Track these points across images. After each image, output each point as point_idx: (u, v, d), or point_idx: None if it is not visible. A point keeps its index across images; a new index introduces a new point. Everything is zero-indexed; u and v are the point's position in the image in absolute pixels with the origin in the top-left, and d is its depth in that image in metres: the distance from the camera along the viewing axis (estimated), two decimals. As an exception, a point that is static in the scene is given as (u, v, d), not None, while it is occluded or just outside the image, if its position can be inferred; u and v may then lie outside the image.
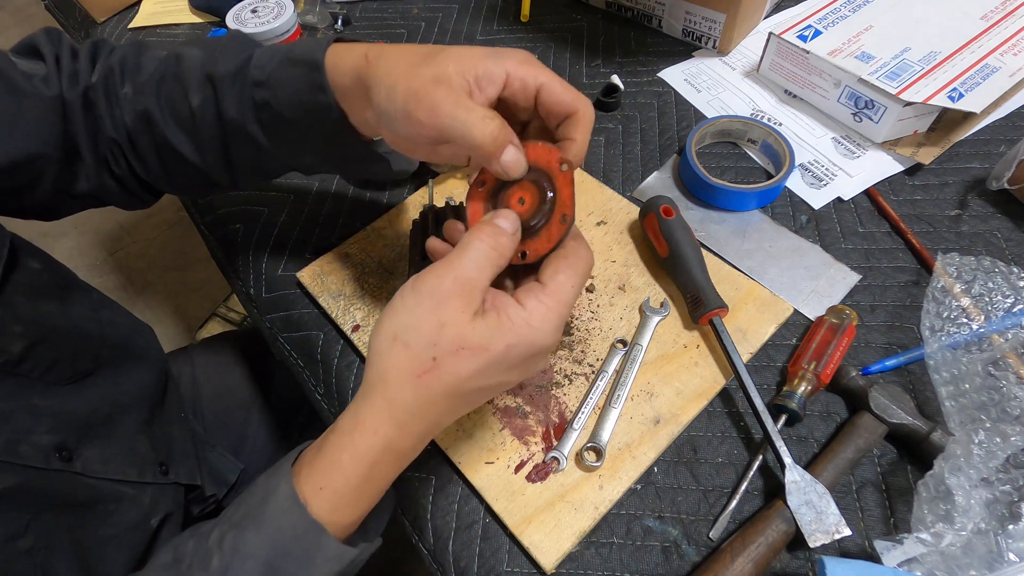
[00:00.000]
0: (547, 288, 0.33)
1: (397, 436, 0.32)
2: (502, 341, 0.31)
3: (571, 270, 0.34)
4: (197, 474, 0.59)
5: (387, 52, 0.37)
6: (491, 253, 0.32)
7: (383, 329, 0.32)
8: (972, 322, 0.44)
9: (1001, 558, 0.35)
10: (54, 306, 0.48)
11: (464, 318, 0.31)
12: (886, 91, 0.57)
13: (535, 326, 0.32)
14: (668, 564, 0.41)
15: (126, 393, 0.53)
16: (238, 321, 1.53)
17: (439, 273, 0.32)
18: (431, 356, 0.31)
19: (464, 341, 0.31)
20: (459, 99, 0.33)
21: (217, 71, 0.42)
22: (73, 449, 0.46)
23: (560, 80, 0.36)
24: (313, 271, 0.57)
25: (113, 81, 0.46)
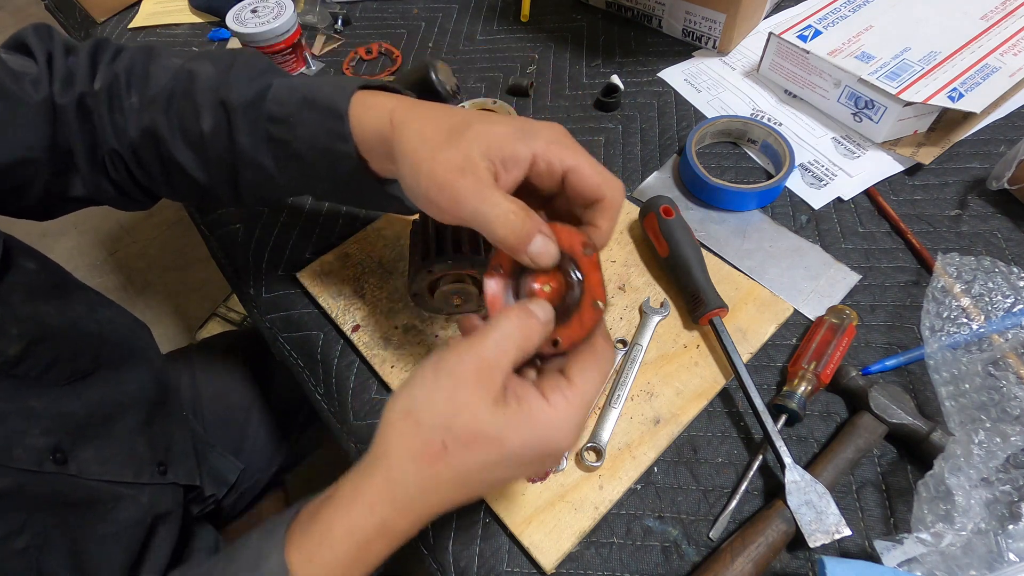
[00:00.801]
0: (574, 385, 0.31)
1: (394, 518, 0.30)
2: (518, 436, 0.29)
3: (597, 368, 0.32)
4: (196, 474, 0.59)
5: (412, 120, 0.35)
6: (518, 337, 0.30)
7: (397, 401, 0.31)
8: (972, 322, 0.44)
9: (1001, 558, 0.35)
10: (51, 306, 0.48)
11: (482, 405, 0.29)
12: (886, 91, 0.57)
13: (556, 425, 0.30)
14: (668, 564, 0.41)
15: (126, 393, 0.53)
16: (238, 321, 1.53)
17: (461, 352, 0.30)
18: (441, 440, 0.29)
19: (478, 431, 0.29)
20: (483, 191, 0.31)
21: (231, 98, 0.41)
22: (68, 451, 0.45)
23: (590, 162, 0.34)
24: (313, 271, 0.57)
25: (118, 89, 0.44)
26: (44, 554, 0.42)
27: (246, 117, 0.41)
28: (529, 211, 0.32)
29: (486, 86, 0.73)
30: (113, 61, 0.45)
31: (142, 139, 0.44)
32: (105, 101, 0.44)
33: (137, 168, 0.46)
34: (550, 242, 0.32)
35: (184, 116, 0.42)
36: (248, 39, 0.73)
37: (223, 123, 0.41)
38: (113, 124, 0.44)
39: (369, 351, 0.52)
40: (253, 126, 0.41)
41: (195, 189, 0.46)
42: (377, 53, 0.79)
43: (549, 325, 0.32)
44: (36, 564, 0.41)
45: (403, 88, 0.42)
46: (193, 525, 0.59)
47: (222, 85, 0.41)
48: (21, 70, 0.42)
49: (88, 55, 0.45)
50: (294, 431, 0.77)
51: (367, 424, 0.50)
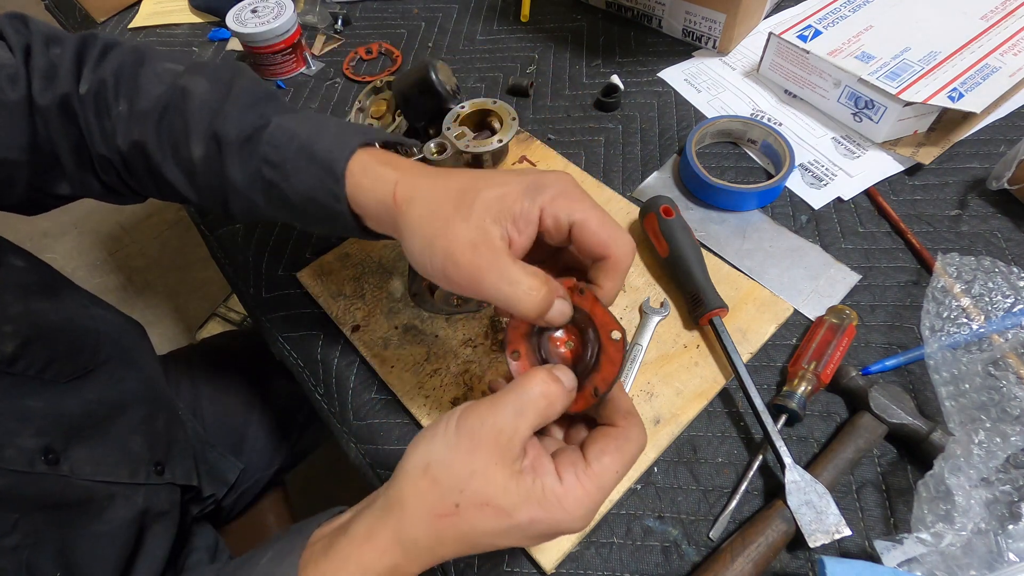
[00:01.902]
0: (590, 469, 0.30)
1: (404, 563, 0.31)
2: (528, 513, 0.29)
3: (618, 454, 0.31)
4: (194, 474, 0.59)
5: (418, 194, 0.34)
6: (540, 402, 0.30)
7: (418, 452, 0.31)
8: (972, 322, 0.44)
9: (1001, 558, 0.35)
10: (44, 304, 0.48)
11: (497, 473, 0.29)
12: (886, 91, 0.57)
13: (566, 508, 0.29)
14: (668, 564, 0.41)
15: (124, 392, 0.53)
16: (238, 321, 1.53)
17: (482, 414, 0.30)
18: (454, 502, 0.29)
19: (490, 498, 0.29)
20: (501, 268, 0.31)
21: (225, 132, 0.39)
22: (60, 451, 0.45)
23: (599, 216, 0.33)
24: (313, 271, 0.57)
25: (105, 96, 0.42)
26: (34, 552, 0.42)
27: (239, 153, 0.39)
28: (547, 279, 0.32)
29: (486, 86, 0.73)
30: (101, 62, 0.43)
31: (131, 151, 0.42)
32: (92, 106, 0.42)
33: (128, 176, 0.45)
34: (566, 304, 0.33)
35: (175, 137, 0.41)
36: (248, 39, 0.73)
37: (215, 155, 0.40)
38: (101, 130, 0.42)
39: (369, 351, 0.52)
40: (245, 164, 0.39)
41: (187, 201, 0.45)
42: (377, 53, 0.79)
43: (572, 392, 0.32)
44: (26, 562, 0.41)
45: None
46: (192, 525, 0.59)
47: (218, 112, 0.39)
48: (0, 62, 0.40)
49: (74, 52, 0.42)
50: (294, 431, 0.77)
51: (367, 424, 0.50)
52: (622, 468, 0.31)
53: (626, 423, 0.32)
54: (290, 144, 0.38)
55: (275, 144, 0.38)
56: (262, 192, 0.40)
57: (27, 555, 0.41)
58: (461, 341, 0.52)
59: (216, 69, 0.42)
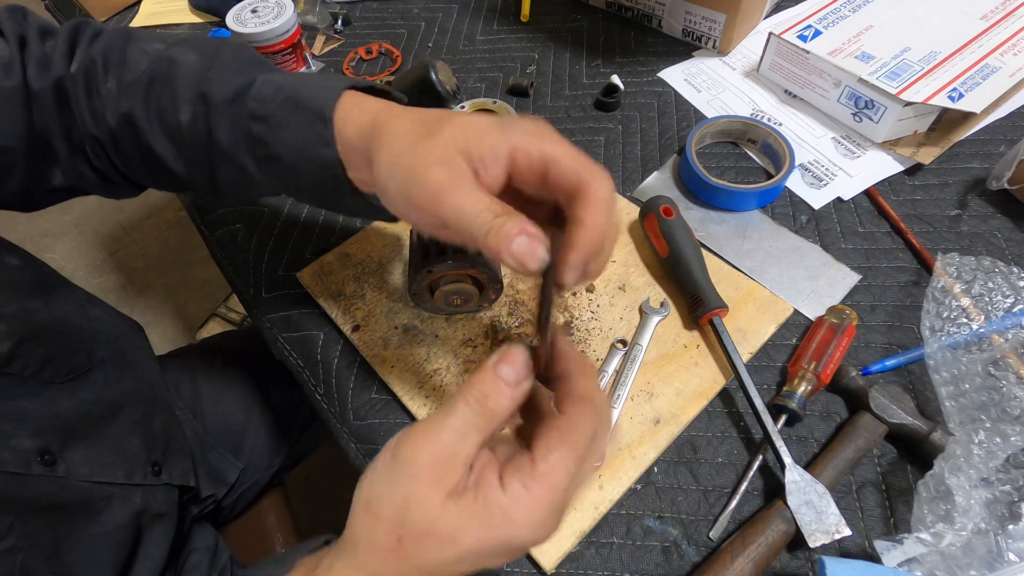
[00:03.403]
0: (536, 470, 0.26)
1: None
2: (472, 534, 0.26)
3: (567, 448, 0.27)
4: (191, 475, 0.58)
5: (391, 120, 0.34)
6: (477, 419, 0.27)
7: (361, 490, 0.29)
8: (972, 322, 0.44)
9: (1001, 558, 0.35)
10: (39, 303, 0.47)
11: (435, 499, 0.26)
12: (886, 91, 0.57)
13: (516, 520, 0.26)
14: (668, 564, 0.41)
15: (121, 392, 0.52)
16: (238, 321, 1.53)
17: (418, 441, 0.27)
18: (397, 535, 0.27)
19: (430, 526, 0.26)
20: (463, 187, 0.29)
21: (213, 91, 0.39)
22: (57, 452, 0.44)
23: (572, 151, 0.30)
24: (313, 271, 0.57)
25: (95, 73, 0.42)
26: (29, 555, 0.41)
27: (227, 113, 0.39)
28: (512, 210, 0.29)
29: (486, 86, 0.73)
30: (91, 44, 0.43)
31: (120, 126, 0.42)
32: (82, 85, 0.42)
33: (116, 156, 0.44)
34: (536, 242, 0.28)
35: (162, 105, 0.40)
36: (248, 39, 0.73)
37: (202, 116, 0.40)
38: (91, 109, 0.42)
39: (369, 351, 0.52)
40: (233, 122, 0.39)
41: (175, 179, 0.45)
42: (377, 53, 0.79)
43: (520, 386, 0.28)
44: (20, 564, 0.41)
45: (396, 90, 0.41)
46: (192, 525, 0.59)
47: (204, 77, 0.39)
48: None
49: (66, 38, 0.43)
50: (294, 431, 0.77)
51: (367, 424, 0.50)
52: (573, 463, 0.27)
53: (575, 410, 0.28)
54: (276, 96, 0.38)
55: (261, 99, 0.38)
56: (250, 152, 0.39)
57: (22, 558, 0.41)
58: (461, 341, 0.52)
59: (202, 40, 0.43)
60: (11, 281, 0.46)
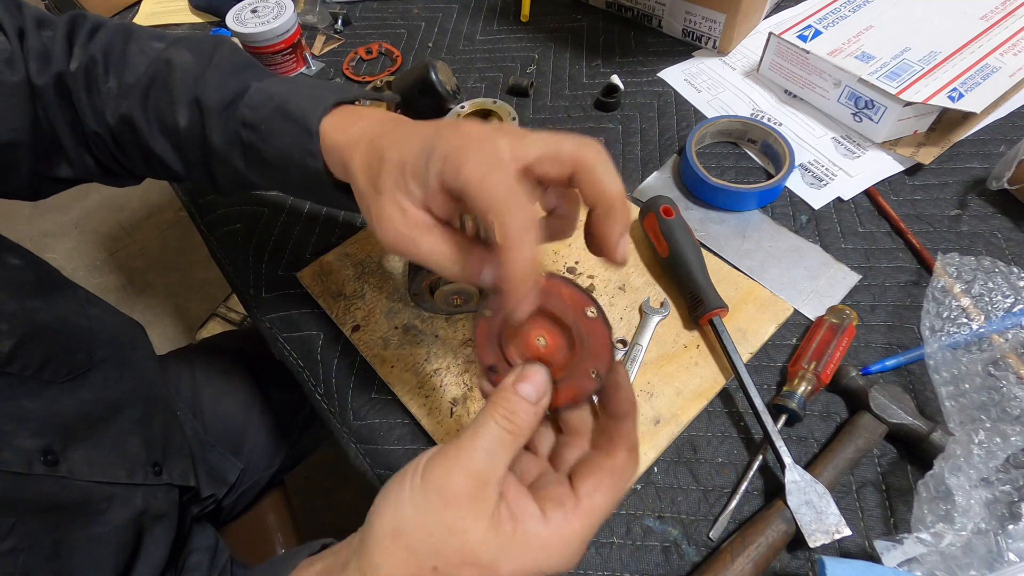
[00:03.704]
0: (580, 506, 0.27)
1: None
2: (512, 563, 0.26)
3: (612, 491, 0.28)
4: (192, 475, 0.58)
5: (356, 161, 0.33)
6: (506, 437, 0.27)
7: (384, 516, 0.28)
8: (972, 322, 0.44)
9: (1001, 558, 0.35)
10: (39, 302, 0.48)
11: (475, 526, 0.26)
12: (886, 91, 0.57)
13: (553, 550, 0.27)
14: (668, 564, 0.41)
15: (121, 392, 0.52)
16: (238, 321, 1.53)
17: (448, 466, 0.27)
18: (432, 565, 0.26)
19: (470, 556, 0.26)
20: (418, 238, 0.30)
21: (206, 98, 0.40)
22: (59, 452, 0.45)
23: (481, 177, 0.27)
24: (313, 271, 0.57)
25: (95, 73, 0.43)
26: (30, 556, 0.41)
27: (219, 119, 0.40)
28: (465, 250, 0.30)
29: (486, 86, 0.73)
30: (90, 40, 0.44)
31: (120, 126, 0.43)
32: (83, 83, 0.43)
33: (117, 151, 0.46)
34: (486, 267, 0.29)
35: (161, 108, 0.42)
36: (248, 39, 0.73)
37: (197, 121, 0.41)
38: (92, 107, 0.43)
39: (369, 351, 0.52)
40: (225, 128, 0.40)
41: (175, 175, 0.46)
42: (377, 53, 0.79)
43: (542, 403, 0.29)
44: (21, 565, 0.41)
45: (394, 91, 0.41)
46: (192, 525, 0.59)
47: (200, 80, 0.40)
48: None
49: (64, 32, 0.43)
50: (294, 431, 0.77)
51: (367, 424, 0.50)
52: (613, 505, 0.29)
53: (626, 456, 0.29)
54: (267, 105, 0.39)
55: (252, 106, 0.39)
56: (241, 155, 0.41)
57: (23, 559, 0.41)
58: (461, 341, 0.52)
59: (198, 41, 0.43)
60: (12, 281, 0.46)
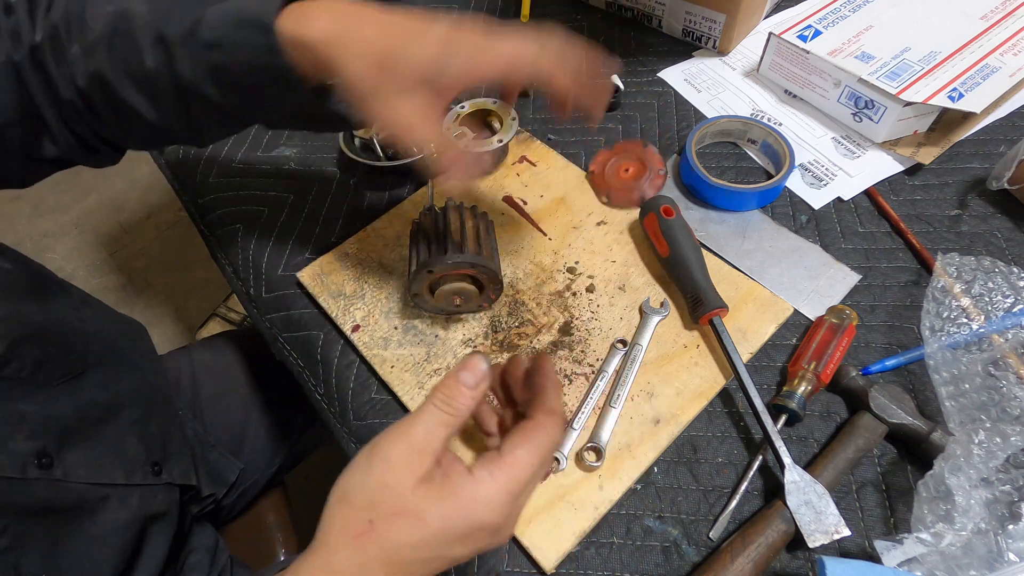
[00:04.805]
0: (502, 461, 0.31)
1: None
2: (438, 511, 0.30)
3: (532, 445, 0.32)
4: (192, 474, 0.58)
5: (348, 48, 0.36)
6: (444, 417, 0.32)
7: (336, 487, 0.32)
8: (972, 322, 0.44)
9: (1001, 558, 0.35)
10: (32, 305, 0.48)
11: (407, 482, 0.30)
12: (886, 91, 0.57)
13: (479, 501, 0.30)
14: (668, 564, 0.41)
15: (118, 392, 0.52)
16: (238, 321, 1.53)
17: (393, 438, 0.31)
18: (368, 518, 0.30)
19: (401, 506, 0.30)
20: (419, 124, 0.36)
21: (168, 32, 0.40)
22: (54, 455, 0.44)
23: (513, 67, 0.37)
24: (313, 271, 0.57)
25: (59, 40, 0.43)
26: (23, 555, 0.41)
27: (185, 48, 0.40)
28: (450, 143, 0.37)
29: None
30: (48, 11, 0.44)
31: (89, 85, 0.43)
32: (50, 52, 0.43)
33: (91, 116, 0.45)
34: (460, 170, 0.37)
35: (127, 57, 0.42)
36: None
37: (163, 59, 0.41)
38: (62, 75, 0.43)
39: (369, 351, 0.52)
40: (193, 57, 0.40)
41: (152, 132, 0.46)
42: (377, 53, 0.79)
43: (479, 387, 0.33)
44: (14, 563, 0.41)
45: None
46: (191, 525, 0.59)
47: (159, 20, 0.41)
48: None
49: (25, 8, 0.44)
50: (294, 431, 0.77)
51: (367, 424, 0.50)
52: (536, 460, 0.31)
53: (544, 418, 0.33)
54: (224, 20, 0.39)
55: (212, 27, 0.39)
56: (213, 82, 0.41)
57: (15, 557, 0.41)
58: (461, 341, 0.52)
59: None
60: (4, 283, 0.46)
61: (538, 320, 0.52)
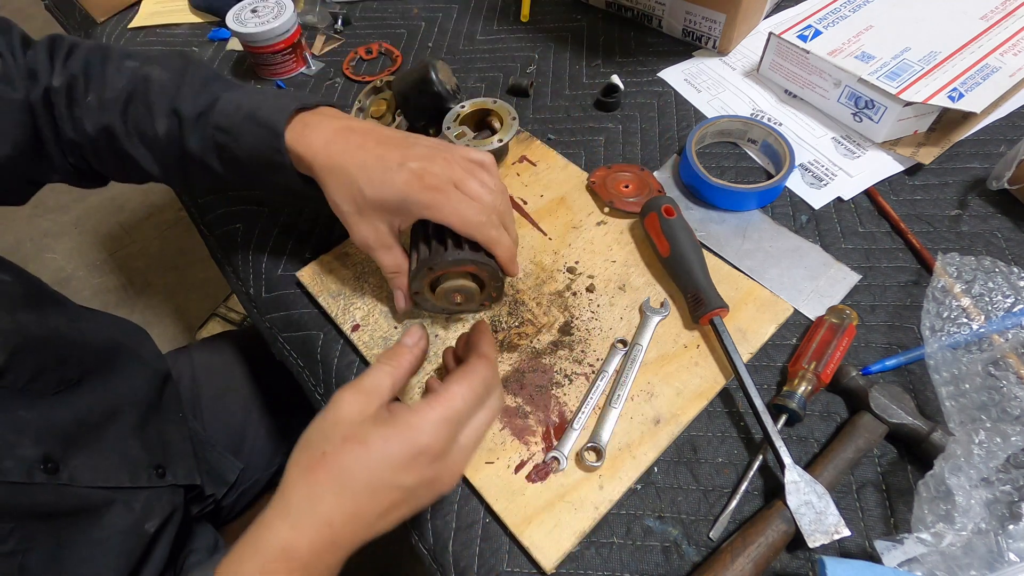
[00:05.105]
0: (438, 394, 0.35)
1: (292, 536, 0.33)
2: (380, 436, 0.33)
3: (465, 381, 0.36)
4: (196, 473, 0.59)
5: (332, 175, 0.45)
6: (388, 368, 0.37)
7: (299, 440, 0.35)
8: (972, 322, 0.44)
9: (1001, 558, 0.35)
10: (30, 316, 0.48)
11: (355, 417, 0.34)
12: (886, 91, 0.57)
13: (415, 426, 0.33)
14: (668, 564, 0.41)
15: (117, 398, 0.53)
16: (238, 321, 1.53)
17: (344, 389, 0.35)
18: (321, 451, 0.33)
19: (350, 434, 0.33)
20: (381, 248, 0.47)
21: (183, 108, 0.47)
22: (59, 460, 0.45)
23: (462, 222, 0.44)
24: (313, 271, 0.57)
25: (76, 89, 0.48)
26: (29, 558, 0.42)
27: (196, 126, 0.47)
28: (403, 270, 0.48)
29: (486, 86, 0.73)
30: (68, 59, 0.49)
31: (98, 135, 0.48)
32: (64, 97, 0.48)
33: (94, 158, 0.51)
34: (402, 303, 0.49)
35: (139, 120, 0.48)
36: (248, 39, 0.73)
37: (175, 129, 0.47)
38: (72, 118, 0.49)
39: (369, 351, 0.52)
40: (202, 134, 0.47)
41: (148, 177, 0.52)
42: (377, 53, 0.79)
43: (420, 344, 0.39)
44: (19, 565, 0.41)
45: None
46: (192, 524, 0.59)
47: (176, 94, 0.47)
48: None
49: (46, 53, 0.49)
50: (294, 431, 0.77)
51: (367, 424, 0.50)
52: (468, 393, 0.35)
53: (475, 360, 0.37)
54: (237, 113, 0.46)
55: (225, 114, 0.46)
56: (216, 155, 0.47)
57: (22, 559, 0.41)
58: (461, 341, 0.52)
59: (168, 57, 0.50)
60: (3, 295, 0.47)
61: (538, 320, 0.52)
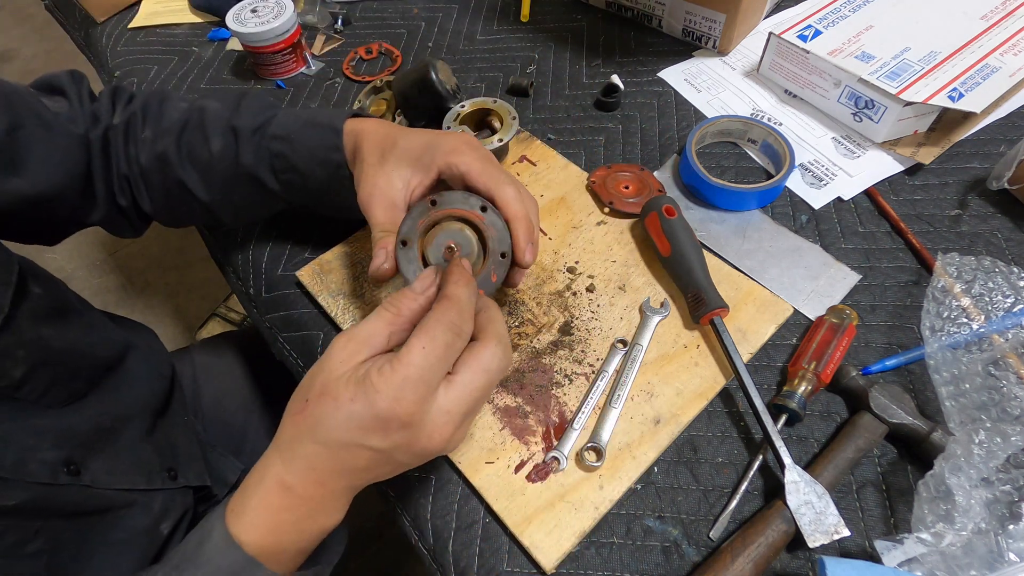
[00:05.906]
0: (399, 357, 0.33)
1: (283, 471, 0.35)
2: (348, 394, 0.33)
3: (426, 336, 0.34)
4: (206, 474, 0.59)
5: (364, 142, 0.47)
6: (387, 316, 0.36)
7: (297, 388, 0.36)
8: (972, 322, 0.44)
9: (1001, 558, 0.35)
10: (52, 330, 0.49)
11: (340, 369, 0.34)
12: (886, 91, 0.57)
13: (374, 387, 0.33)
14: (668, 564, 0.41)
15: (125, 407, 0.53)
16: (238, 321, 1.53)
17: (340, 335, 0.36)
18: (305, 398, 0.35)
19: (328, 387, 0.34)
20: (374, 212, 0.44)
21: (241, 123, 0.50)
22: (80, 462, 0.46)
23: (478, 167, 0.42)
24: (313, 270, 0.57)
25: (135, 125, 0.52)
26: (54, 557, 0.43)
27: (252, 139, 0.50)
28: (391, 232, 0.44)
29: (486, 86, 0.73)
30: (129, 103, 0.54)
31: (151, 164, 0.52)
32: (122, 134, 0.52)
33: (141, 193, 0.54)
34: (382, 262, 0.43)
35: (193, 142, 0.51)
36: (248, 39, 0.73)
37: (231, 144, 0.50)
38: (127, 154, 0.52)
39: (369, 351, 0.52)
40: (257, 146, 0.50)
41: (194, 210, 0.54)
42: (377, 53, 0.79)
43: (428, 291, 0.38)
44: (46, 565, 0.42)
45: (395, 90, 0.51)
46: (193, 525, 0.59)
47: (232, 115, 0.51)
48: (56, 109, 0.50)
49: (108, 98, 0.54)
50: (294, 431, 0.77)
51: (367, 424, 0.50)
52: (429, 346, 0.33)
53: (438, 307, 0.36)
54: (295, 122, 0.50)
55: (283, 124, 0.50)
56: (269, 167, 0.50)
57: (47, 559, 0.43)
58: (461, 341, 0.51)
59: (225, 94, 0.54)
60: (33, 309, 0.47)
61: (538, 320, 0.52)
